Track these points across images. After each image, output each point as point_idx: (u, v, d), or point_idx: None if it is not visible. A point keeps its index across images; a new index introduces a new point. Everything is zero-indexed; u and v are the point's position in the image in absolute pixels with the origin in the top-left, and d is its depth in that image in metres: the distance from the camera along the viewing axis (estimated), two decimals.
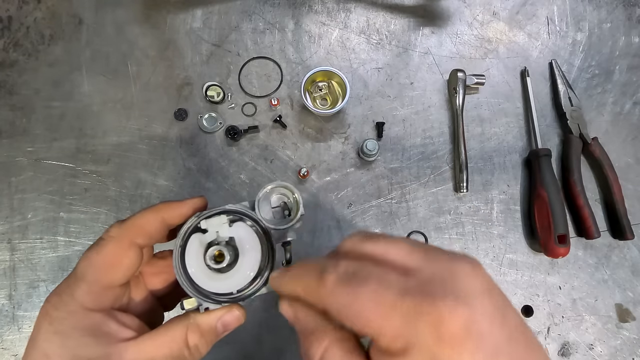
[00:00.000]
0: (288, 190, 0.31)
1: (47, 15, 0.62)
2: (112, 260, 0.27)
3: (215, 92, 0.59)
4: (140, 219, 0.29)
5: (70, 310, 0.26)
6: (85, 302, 0.26)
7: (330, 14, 0.63)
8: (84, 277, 0.27)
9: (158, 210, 0.29)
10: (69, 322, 0.26)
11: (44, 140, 0.58)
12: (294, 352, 0.55)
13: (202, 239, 0.29)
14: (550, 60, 0.62)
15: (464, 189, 0.58)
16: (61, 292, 0.27)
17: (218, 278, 0.29)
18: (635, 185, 0.60)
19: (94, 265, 0.27)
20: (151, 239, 0.29)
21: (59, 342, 0.25)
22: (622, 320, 0.56)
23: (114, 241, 0.28)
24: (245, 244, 0.29)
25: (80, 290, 0.27)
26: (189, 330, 0.27)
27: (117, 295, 0.29)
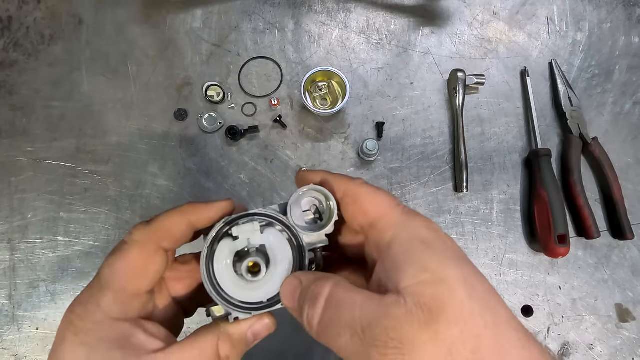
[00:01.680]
0: (321, 195, 0.29)
1: (47, 15, 0.62)
2: (138, 266, 0.26)
3: (215, 92, 0.59)
4: (166, 222, 0.27)
5: (97, 321, 0.25)
6: (112, 311, 0.25)
7: (330, 14, 0.63)
8: (109, 286, 0.25)
9: (185, 212, 0.27)
10: (95, 333, 0.24)
11: (44, 140, 0.58)
12: (294, 353, 0.55)
13: (232, 246, 0.27)
14: (550, 60, 0.62)
15: (464, 189, 0.58)
16: (86, 302, 0.25)
17: (248, 287, 0.27)
18: (635, 185, 0.60)
19: (119, 272, 0.26)
20: (177, 243, 0.28)
21: (85, 355, 0.24)
22: (622, 320, 0.56)
23: (139, 246, 0.26)
24: (276, 252, 0.28)
25: (106, 300, 0.25)
26: (220, 341, 0.26)
27: (144, 303, 0.27)
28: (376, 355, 0.20)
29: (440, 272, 0.22)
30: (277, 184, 0.58)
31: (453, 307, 0.20)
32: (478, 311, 0.21)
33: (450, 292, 0.21)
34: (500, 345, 0.20)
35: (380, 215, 0.25)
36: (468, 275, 0.22)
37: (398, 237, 0.24)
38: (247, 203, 0.58)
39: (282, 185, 0.58)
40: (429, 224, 0.25)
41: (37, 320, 0.54)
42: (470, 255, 0.58)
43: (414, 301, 0.21)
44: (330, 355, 0.54)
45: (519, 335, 0.21)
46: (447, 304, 0.20)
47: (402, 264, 0.22)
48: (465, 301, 0.21)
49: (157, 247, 0.26)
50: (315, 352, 0.55)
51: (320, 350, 0.55)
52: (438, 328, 0.20)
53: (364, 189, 0.27)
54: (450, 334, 0.20)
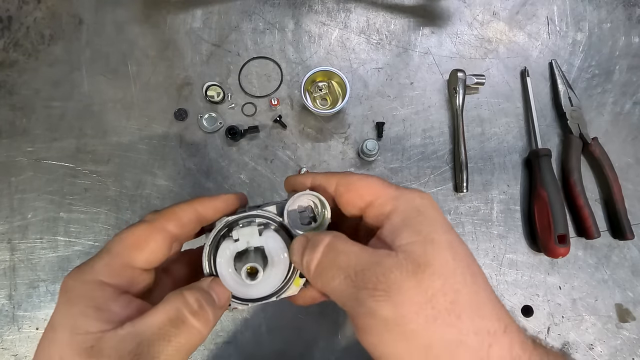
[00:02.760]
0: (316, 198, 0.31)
1: (47, 15, 0.62)
2: (139, 240, 0.27)
3: (215, 92, 0.59)
4: (175, 207, 0.29)
5: (85, 280, 0.26)
6: (101, 274, 0.26)
7: (330, 14, 0.63)
8: (108, 251, 0.27)
9: (192, 202, 0.30)
10: (79, 290, 0.26)
11: (44, 140, 0.58)
12: (294, 353, 0.55)
13: (233, 247, 0.29)
14: (550, 60, 0.62)
15: (464, 189, 0.58)
16: (83, 265, 0.27)
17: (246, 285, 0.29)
18: (635, 185, 0.60)
19: (121, 241, 0.27)
20: (183, 228, 0.29)
21: (65, 310, 0.25)
22: (622, 320, 0.56)
23: (146, 223, 0.28)
24: (273, 253, 0.29)
25: (100, 262, 0.26)
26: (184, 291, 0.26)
27: (136, 278, 0.28)
28: (365, 296, 0.23)
29: (431, 236, 0.24)
30: (277, 184, 0.58)
31: (438, 264, 0.23)
32: (460, 271, 0.24)
33: (438, 252, 0.24)
34: (476, 302, 0.23)
35: (376, 195, 0.27)
36: (453, 241, 0.25)
37: (396, 207, 0.26)
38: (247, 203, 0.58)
39: (282, 185, 0.58)
40: (422, 194, 0.27)
41: (37, 320, 0.54)
42: None
43: (405, 255, 0.24)
44: (332, 356, 0.55)
45: (492, 296, 0.24)
46: (433, 260, 0.23)
47: (399, 229, 0.25)
48: (449, 261, 0.24)
49: (163, 227, 0.28)
50: (315, 352, 0.55)
51: (321, 348, 0.55)
52: (423, 278, 0.23)
53: (354, 176, 0.29)
54: (433, 285, 0.23)
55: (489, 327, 0.23)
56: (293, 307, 0.58)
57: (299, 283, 0.31)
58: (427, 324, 0.22)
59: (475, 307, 0.23)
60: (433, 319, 0.22)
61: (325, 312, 0.55)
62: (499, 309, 0.24)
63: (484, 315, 0.23)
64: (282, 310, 0.56)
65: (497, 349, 0.23)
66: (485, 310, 0.24)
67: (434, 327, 0.22)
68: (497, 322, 0.23)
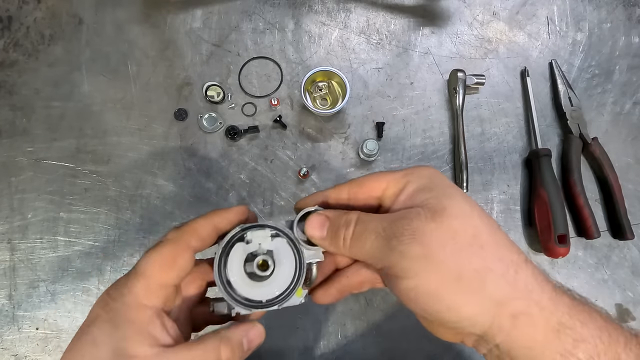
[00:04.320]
0: None
1: (47, 15, 0.62)
2: (170, 259, 0.29)
3: (215, 92, 0.59)
4: (194, 224, 0.31)
5: (126, 302, 0.27)
6: (141, 296, 0.28)
7: (330, 14, 0.63)
8: (143, 274, 0.28)
9: (209, 216, 0.32)
10: (123, 313, 0.27)
11: (44, 140, 0.58)
12: (293, 353, 0.55)
13: (245, 248, 0.32)
14: (550, 60, 0.62)
15: (464, 189, 0.58)
16: (120, 286, 0.28)
17: (253, 286, 0.31)
18: (635, 185, 0.60)
19: (153, 263, 0.29)
20: (204, 242, 0.31)
21: (109, 331, 0.27)
22: (622, 320, 0.56)
23: (171, 242, 0.30)
24: (281, 259, 0.32)
25: (139, 285, 0.28)
26: (221, 344, 0.28)
27: (169, 296, 0.30)
28: (395, 243, 0.26)
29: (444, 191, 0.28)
30: (277, 184, 0.58)
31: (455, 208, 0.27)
32: (477, 213, 0.27)
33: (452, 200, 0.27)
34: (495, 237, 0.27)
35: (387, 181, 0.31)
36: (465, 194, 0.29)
37: (408, 181, 0.30)
38: (247, 203, 0.58)
39: (282, 185, 0.58)
40: (428, 167, 0.31)
41: (37, 320, 0.54)
42: None
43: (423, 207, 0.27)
44: (332, 356, 0.55)
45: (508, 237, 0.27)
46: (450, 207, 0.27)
47: (414, 194, 0.29)
48: (464, 206, 0.27)
49: (187, 245, 0.30)
50: (315, 352, 0.55)
51: (321, 348, 0.55)
52: (442, 220, 0.26)
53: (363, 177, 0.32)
54: (452, 224, 0.26)
55: (512, 257, 0.26)
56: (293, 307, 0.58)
57: (301, 293, 0.33)
58: (454, 255, 0.25)
59: (496, 240, 0.26)
60: (458, 251, 0.25)
61: (325, 312, 0.55)
62: (517, 246, 0.27)
63: (505, 247, 0.26)
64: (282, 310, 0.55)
65: (523, 275, 0.26)
66: (506, 244, 0.27)
67: (460, 258, 0.25)
68: (517, 255, 0.26)
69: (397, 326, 0.55)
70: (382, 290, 0.56)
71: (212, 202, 0.57)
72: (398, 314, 0.55)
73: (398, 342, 0.55)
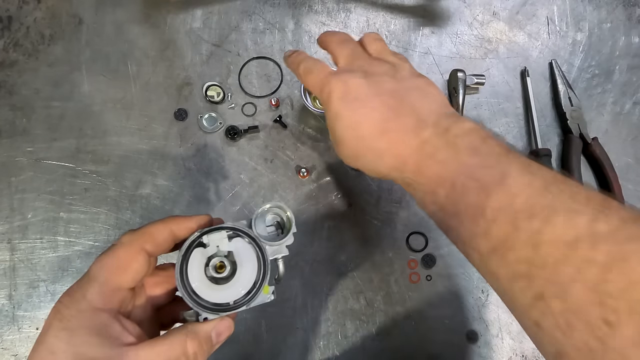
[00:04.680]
0: (281, 210, 0.35)
1: (47, 15, 0.62)
2: (123, 263, 0.29)
3: (215, 92, 0.59)
4: (150, 228, 0.31)
5: (80, 309, 0.27)
6: (95, 301, 0.28)
7: (330, 14, 0.63)
8: (96, 278, 0.28)
9: (166, 221, 0.32)
10: (78, 320, 0.27)
11: (44, 140, 0.58)
12: (293, 353, 0.55)
13: (204, 252, 0.31)
14: (550, 60, 0.63)
15: None
16: (73, 292, 0.28)
17: (217, 289, 0.31)
18: (635, 185, 0.60)
19: (106, 267, 0.29)
20: (159, 247, 0.31)
21: (66, 338, 0.27)
22: None
23: (125, 246, 0.30)
24: (242, 258, 0.32)
25: (92, 290, 0.28)
26: (187, 338, 0.28)
27: (124, 298, 0.30)
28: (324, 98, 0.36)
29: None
30: (277, 184, 0.58)
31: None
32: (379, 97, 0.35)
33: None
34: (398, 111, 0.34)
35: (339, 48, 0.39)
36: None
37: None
38: (247, 203, 0.58)
39: (282, 185, 0.58)
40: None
41: (37, 320, 0.54)
42: None
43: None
44: (332, 356, 0.55)
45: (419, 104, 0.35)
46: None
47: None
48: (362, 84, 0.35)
49: (141, 248, 0.30)
50: (315, 352, 0.55)
51: (321, 348, 0.55)
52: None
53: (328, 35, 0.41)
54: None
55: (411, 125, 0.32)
56: (293, 307, 0.58)
57: (268, 291, 0.33)
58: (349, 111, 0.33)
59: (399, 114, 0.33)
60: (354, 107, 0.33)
61: (325, 312, 0.55)
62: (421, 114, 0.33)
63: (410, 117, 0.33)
64: (283, 310, 0.56)
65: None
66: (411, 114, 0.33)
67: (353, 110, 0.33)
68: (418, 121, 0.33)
69: (397, 326, 0.55)
70: (381, 290, 0.56)
71: (212, 202, 0.57)
72: (398, 314, 0.56)
73: (398, 342, 0.55)
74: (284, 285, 0.56)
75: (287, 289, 0.56)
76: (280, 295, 0.56)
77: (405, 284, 0.56)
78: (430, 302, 0.56)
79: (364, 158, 0.34)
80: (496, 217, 0.26)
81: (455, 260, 0.57)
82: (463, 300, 0.56)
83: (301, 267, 0.56)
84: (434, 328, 0.55)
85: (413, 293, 0.56)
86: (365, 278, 0.56)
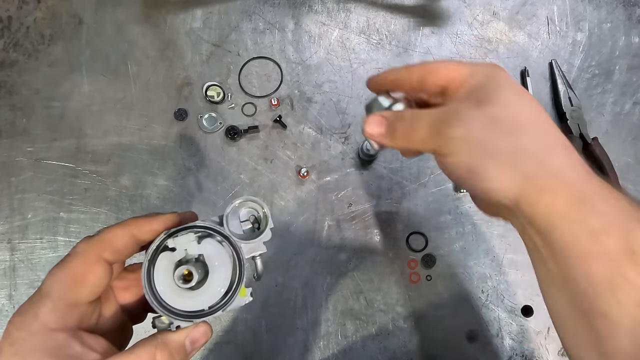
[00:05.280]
0: (257, 205, 0.32)
1: (47, 15, 0.62)
2: (77, 276, 0.26)
3: (215, 92, 0.59)
4: (107, 234, 0.28)
5: (32, 331, 0.25)
6: (49, 321, 0.25)
7: (330, 14, 0.63)
8: (48, 295, 0.25)
9: (127, 225, 0.28)
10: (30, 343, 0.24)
11: (44, 140, 0.58)
12: (293, 353, 0.55)
13: (171, 257, 0.28)
14: (550, 60, 0.62)
15: (464, 189, 0.58)
16: (24, 312, 0.25)
17: (189, 296, 0.28)
18: (635, 185, 0.60)
19: (59, 281, 0.26)
20: (119, 254, 0.28)
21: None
22: None
23: (80, 256, 0.27)
24: (214, 260, 0.29)
25: (44, 309, 0.25)
26: (157, 350, 0.26)
27: (84, 313, 0.27)
28: (442, 127, 0.27)
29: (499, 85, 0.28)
30: (277, 184, 0.58)
31: (501, 98, 0.27)
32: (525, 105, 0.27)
33: (502, 93, 0.27)
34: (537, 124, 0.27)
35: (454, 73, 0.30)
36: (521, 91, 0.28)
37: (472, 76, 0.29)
38: None
39: (282, 185, 0.58)
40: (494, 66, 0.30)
41: None
42: (470, 255, 0.59)
43: (467, 96, 0.28)
44: (332, 356, 0.54)
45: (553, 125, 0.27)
46: (497, 97, 0.27)
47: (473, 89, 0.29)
48: (513, 98, 0.27)
49: (99, 257, 0.27)
50: (315, 352, 0.55)
51: (321, 348, 0.55)
52: (486, 107, 0.26)
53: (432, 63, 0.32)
54: (496, 111, 0.26)
55: (549, 141, 0.26)
56: (293, 307, 0.58)
57: (245, 292, 0.30)
58: (492, 138, 0.26)
59: (537, 128, 0.26)
60: (497, 134, 0.26)
61: (325, 312, 0.55)
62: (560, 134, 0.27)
63: (545, 133, 0.26)
64: (283, 310, 0.56)
65: (558, 158, 0.26)
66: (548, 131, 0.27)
67: (497, 140, 0.26)
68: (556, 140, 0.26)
69: (397, 326, 0.55)
70: (381, 291, 0.56)
71: (212, 202, 0.57)
72: (398, 314, 0.56)
73: (398, 342, 0.55)
74: (284, 285, 0.56)
75: (287, 289, 0.56)
76: (280, 295, 0.56)
77: (405, 284, 0.56)
78: (430, 302, 0.56)
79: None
80: None
81: (455, 260, 0.57)
82: (463, 300, 0.56)
83: (301, 267, 0.56)
84: (434, 328, 0.55)
85: (413, 293, 0.56)
86: (365, 278, 0.56)
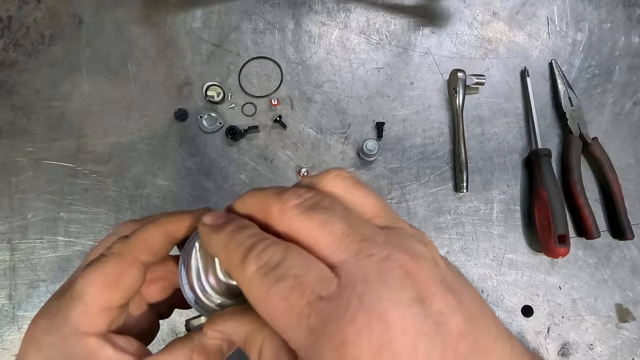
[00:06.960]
0: None
1: (47, 15, 0.62)
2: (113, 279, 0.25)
3: (215, 92, 0.59)
4: (144, 234, 0.26)
5: (63, 335, 0.23)
6: (80, 325, 0.23)
7: (330, 14, 0.63)
8: (81, 297, 0.24)
9: (162, 223, 0.27)
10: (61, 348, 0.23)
11: (44, 140, 0.58)
12: None
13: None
14: (550, 60, 0.62)
15: (464, 189, 0.58)
16: (52, 315, 0.24)
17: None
18: (635, 185, 0.60)
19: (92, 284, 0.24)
20: (155, 255, 0.27)
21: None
22: (622, 320, 0.56)
23: (116, 258, 0.25)
24: None
25: (75, 311, 0.24)
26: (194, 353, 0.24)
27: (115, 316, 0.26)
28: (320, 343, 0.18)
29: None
30: (277, 184, 0.58)
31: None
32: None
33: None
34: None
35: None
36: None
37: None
38: None
39: (281, 185, 0.58)
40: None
41: None
42: (470, 255, 0.59)
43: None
44: None
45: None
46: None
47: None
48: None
49: (135, 260, 0.26)
50: None
51: None
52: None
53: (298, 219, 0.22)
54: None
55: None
56: None
57: None
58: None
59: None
60: None
61: None
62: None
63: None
64: None
65: None
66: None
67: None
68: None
69: None
70: None
71: (212, 202, 0.57)
72: None
73: None
74: None
75: None
76: None
77: None
78: None
79: None
80: None
81: (455, 261, 0.57)
82: None
83: None
84: None
85: None
86: None
